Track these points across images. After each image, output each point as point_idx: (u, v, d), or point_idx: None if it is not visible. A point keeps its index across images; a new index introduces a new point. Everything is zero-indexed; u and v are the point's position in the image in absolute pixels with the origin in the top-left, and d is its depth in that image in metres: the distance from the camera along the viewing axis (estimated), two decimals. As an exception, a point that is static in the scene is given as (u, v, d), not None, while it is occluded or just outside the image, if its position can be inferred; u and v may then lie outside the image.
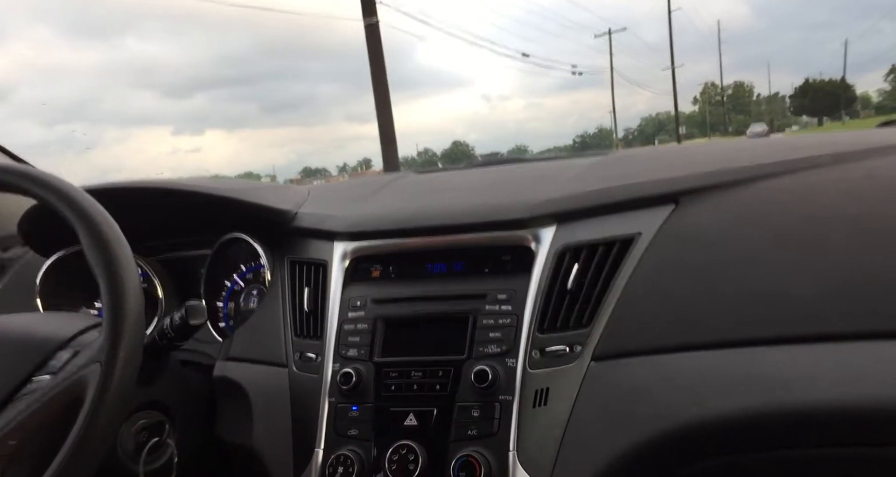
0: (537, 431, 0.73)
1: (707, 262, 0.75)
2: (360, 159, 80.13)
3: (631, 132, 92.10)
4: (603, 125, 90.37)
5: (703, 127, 73.39)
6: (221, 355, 0.94)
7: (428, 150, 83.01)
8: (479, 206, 0.90)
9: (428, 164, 63.44)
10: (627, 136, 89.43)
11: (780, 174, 0.83)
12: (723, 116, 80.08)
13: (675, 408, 0.67)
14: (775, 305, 0.69)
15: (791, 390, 0.64)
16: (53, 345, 0.71)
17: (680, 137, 38.73)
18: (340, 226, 0.94)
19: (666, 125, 79.16)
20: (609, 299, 0.76)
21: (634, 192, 0.84)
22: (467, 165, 1.44)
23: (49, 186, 0.68)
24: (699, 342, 0.70)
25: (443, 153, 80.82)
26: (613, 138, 54.52)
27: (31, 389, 0.66)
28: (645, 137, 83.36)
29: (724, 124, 71.32)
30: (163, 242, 1.16)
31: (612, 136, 53.41)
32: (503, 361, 0.77)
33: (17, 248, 1.29)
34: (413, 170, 1.47)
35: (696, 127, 77.32)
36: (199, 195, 1.01)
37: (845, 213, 0.75)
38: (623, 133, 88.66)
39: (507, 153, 26.00)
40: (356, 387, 0.80)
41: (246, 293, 1.09)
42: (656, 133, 72.48)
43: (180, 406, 0.84)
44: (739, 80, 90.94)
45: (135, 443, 0.77)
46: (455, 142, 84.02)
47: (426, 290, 0.86)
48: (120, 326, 0.62)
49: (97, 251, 0.64)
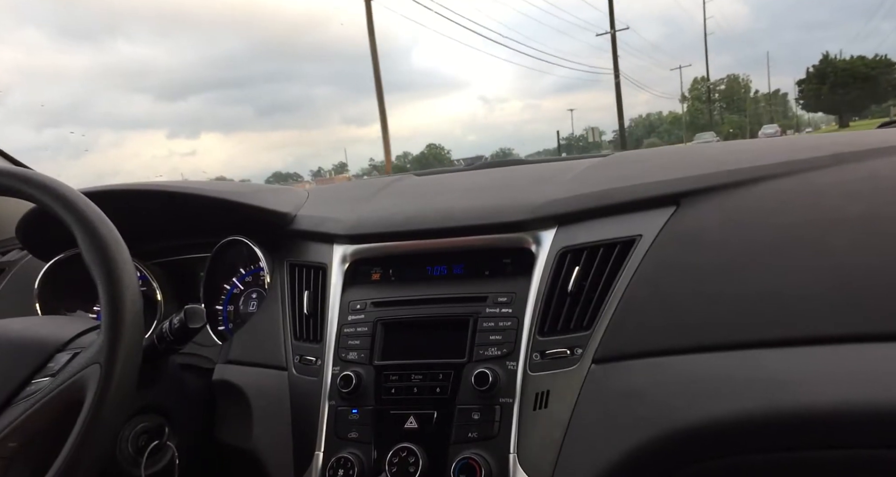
0: (538, 434, 0.73)
1: (708, 264, 0.75)
2: (335, 163, 77.50)
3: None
4: (590, 126, 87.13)
5: (691, 128, 61.01)
6: (221, 359, 0.93)
7: (408, 154, 76.73)
8: (479, 209, 0.90)
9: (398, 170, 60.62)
10: (617, 138, 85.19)
11: (782, 175, 0.83)
12: (714, 116, 68.61)
13: (675, 410, 0.67)
14: (776, 308, 0.69)
15: (792, 393, 0.63)
16: (52, 347, 0.71)
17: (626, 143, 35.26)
18: (340, 228, 0.94)
19: (657, 126, 74.24)
20: (610, 302, 0.76)
21: (635, 194, 0.84)
22: (467, 167, 1.44)
23: (46, 189, 0.68)
24: (700, 345, 0.70)
25: (414, 158, 74.10)
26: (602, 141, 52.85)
27: (31, 392, 0.66)
28: (635, 139, 72.36)
29: (712, 125, 56.42)
30: (161, 244, 1.16)
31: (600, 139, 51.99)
32: (503, 363, 0.77)
33: (15, 251, 1.29)
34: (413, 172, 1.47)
35: (683, 128, 65.67)
36: (198, 198, 1.00)
37: (846, 214, 0.75)
38: (612, 135, 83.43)
39: (491, 157, 25.72)
40: (356, 390, 0.80)
41: (245, 296, 1.09)
42: (645, 136, 65.60)
43: (180, 409, 0.83)
44: (733, 74, 78.68)
45: (135, 446, 0.77)
46: (430, 145, 76.58)
47: (426, 292, 0.86)
48: (118, 327, 0.62)
49: (95, 253, 0.64)
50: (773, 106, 78.33)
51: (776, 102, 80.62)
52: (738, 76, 76.11)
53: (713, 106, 70.99)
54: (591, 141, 49.40)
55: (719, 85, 74.56)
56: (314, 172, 73.94)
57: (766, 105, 77.24)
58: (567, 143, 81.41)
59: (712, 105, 71.06)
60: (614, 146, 73.02)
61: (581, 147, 78.72)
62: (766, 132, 39.04)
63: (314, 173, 71.50)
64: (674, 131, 68.23)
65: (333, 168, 72.03)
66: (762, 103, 76.91)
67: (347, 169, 63.73)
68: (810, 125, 59.10)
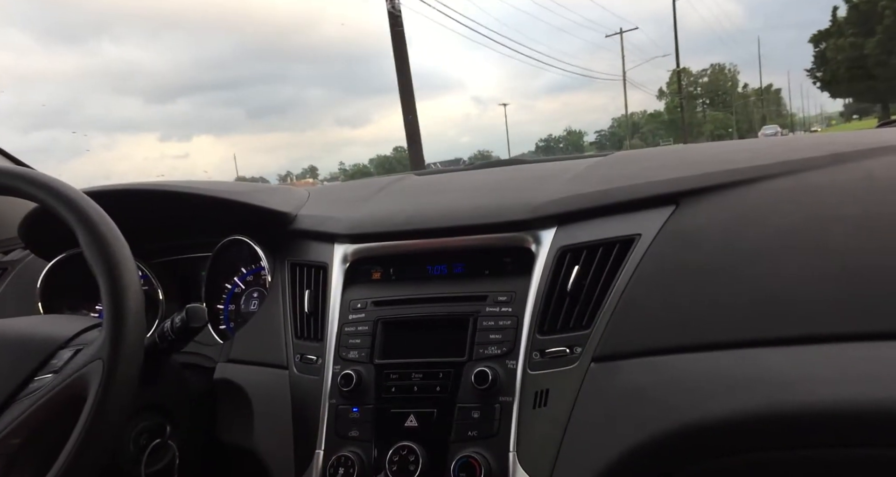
0: (537, 432, 0.73)
1: (707, 263, 0.75)
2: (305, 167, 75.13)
3: (604, 135, 76.48)
4: (571, 128, 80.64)
5: (672, 127, 54.01)
6: (222, 357, 0.94)
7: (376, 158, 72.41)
8: (479, 208, 0.90)
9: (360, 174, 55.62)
10: (602, 139, 75.81)
11: (781, 175, 0.83)
12: (691, 113, 57.69)
13: (674, 409, 0.67)
14: (775, 306, 0.69)
15: (791, 392, 0.63)
16: (55, 344, 0.72)
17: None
18: (340, 228, 0.94)
19: (640, 127, 67.71)
20: (609, 301, 0.76)
21: (634, 193, 0.84)
22: (467, 167, 1.45)
23: (49, 189, 0.68)
24: (699, 343, 0.70)
25: (378, 160, 69.55)
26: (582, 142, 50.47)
27: (34, 388, 0.67)
28: (617, 140, 66.94)
29: (685, 125, 44.63)
30: (163, 244, 1.16)
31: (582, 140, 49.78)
32: (503, 362, 0.77)
33: (17, 251, 1.30)
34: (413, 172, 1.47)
35: (664, 128, 59.52)
36: (199, 197, 1.01)
37: (846, 213, 0.75)
38: (595, 136, 76.65)
39: (469, 160, 25.42)
40: (357, 388, 0.80)
41: (246, 295, 1.09)
42: (627, 137, 56.93)
43: (181, 408, 0.84)
44: (719, 64, 63.74)
45: (136, 445, 0.77)
46: (396, 147, 70.81)
47: (426, 291, 0.87)
48: (121, 323, 0.62)
49: (96, 250, 0.65)
50: (765, 102, 68.25)
51: (769, 99, 70.41)
52: (723, 66, 63.82)
53: (695, 103, 61.21)
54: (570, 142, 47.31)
55: (702, 76, 62.95)
56: (281, 177, 71.46)
57: (756, 100, 65.81)
58: (546, 145, 78.86)
59: (694, 101, 61.08)
60: (597, 148, 69.56)
61: (561, 148, 75.80)
62: (765, 133, 37.76)
63: (281, 178, 68.88)
64: (659, 131, 61.44)
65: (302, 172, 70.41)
66: (752, 98, 65.65)
67: (318, 174, 62.60)
68: (813, 123, 51.95)
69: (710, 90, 62.39)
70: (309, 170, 72.56)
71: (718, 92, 62.30)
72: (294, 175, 71.65)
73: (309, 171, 71.74)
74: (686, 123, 47.45)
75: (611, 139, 72.54)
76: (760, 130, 41.31)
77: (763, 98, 67.04)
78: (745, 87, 66.08)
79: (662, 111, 63.43)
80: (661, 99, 61.47)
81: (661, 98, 61.20)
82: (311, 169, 72.59)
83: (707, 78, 63.02)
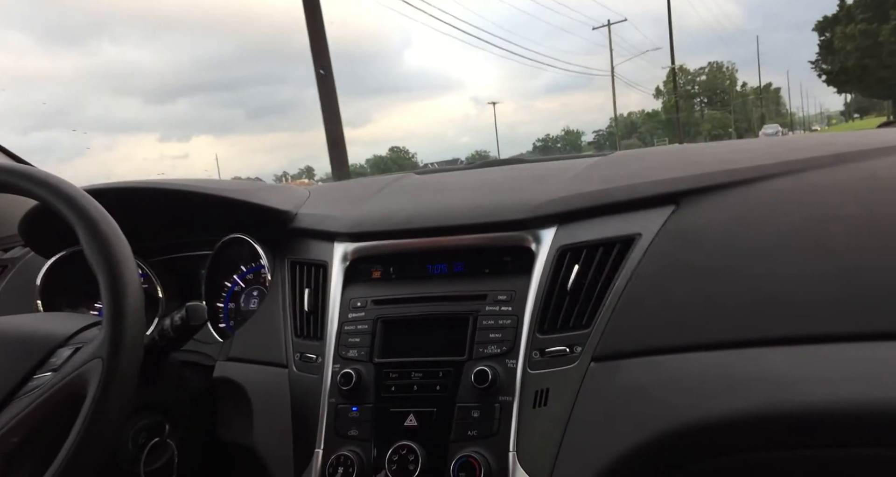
0: (537, 432, 0.73)
1: (707, 262, 0.75)
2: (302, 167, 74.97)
3: (602, 135, 74.65)
4: (569, 128, 79.98)
5: (669, 127, 52.03)
6: (222, 356, 0.94)
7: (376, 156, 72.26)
8: (480, 207, 0.90)
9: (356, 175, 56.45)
10: (600, 139, 73.59)
11: (781, 175, 0.83)
12: (689, 112, 56.75)
13: (674, 409, 0.67)
14: (775, 306, 0.69)
15: (791, 391, 0.63)
16: (54, 342, 0.71)
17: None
18: (340, 226, 0.94)
19: (638, 126, 67.46)
20: (609, 300, 0.76)
21: (635, 193, 0.84)
22: (467, 166, 1.45)
23: (49, 186, 0.68)
24: (699, 343, 0.70)
25: (371, 163, 68.12)
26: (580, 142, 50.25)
27: (33, 387, 0.67)
28: (615, 140, 61.57)
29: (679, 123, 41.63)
30: (163, 242, 1.16)
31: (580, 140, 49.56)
32: (503, 361, 0.77)
33: (17, 248, 1.29)
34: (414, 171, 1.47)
35: (662, 128, 57.80)
36: (200, 195, 1.01)
37: (846, 213, 0.75)
38: (593, 136, 75.16)
39: (466, 160, 25.28)
40: (356, 387, 0.80)
41: (246, 294, 1.09)
42: (626, 136, 57.02)
43: (181, 407, 0.84)
44: (716, 62, 63.62)
45: (135, 444, 0.77)
46: (392, 148, 71.24)
47: (426, 290, 0.87)
48: (120, 321, 0.62)
49: (96, 248, 0.65)
50: (764, 101, 67.91)
51: (768, 98, 70.21)
52: (721, 65, 63.50)
53: (693, 102, 61.00)
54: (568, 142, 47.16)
55: (699, 75, 63.39)
56: (277, 177, 72.49)
57: (755, 99, 65.65)
58: (543, 145, 78.48)
59: (692, 100, 60.95)
60: (595, 148, 68.80)
61: (559, 148, 75.27)
62: (766, 132, 37.50)
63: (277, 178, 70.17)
64: (656, 131, 59.84)
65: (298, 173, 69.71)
66: (751, 97, 65.55)
67: (314, 174, 62.21)
68: (813, 122, 51.22)
69: (707, 89, 62.10)
70: (305, 170, 72.26)
71: (716, 91, 61.91)
72: (290, 175, 71.31)
73: (305, 171, 71.48)
74: (683, 123, 45.71)
75: (609, 139, 70.69)
76: (761, 130, 41.03)
77: (762, 97, 66.86)
78: (743, 85, 65.89)
79: (660, 111, 62.80)
80: (659, 98, 61.05)
81: (659, 97, 60.77)
82: (307, 169, 72.33)
83: (705, 76, 62.90)
